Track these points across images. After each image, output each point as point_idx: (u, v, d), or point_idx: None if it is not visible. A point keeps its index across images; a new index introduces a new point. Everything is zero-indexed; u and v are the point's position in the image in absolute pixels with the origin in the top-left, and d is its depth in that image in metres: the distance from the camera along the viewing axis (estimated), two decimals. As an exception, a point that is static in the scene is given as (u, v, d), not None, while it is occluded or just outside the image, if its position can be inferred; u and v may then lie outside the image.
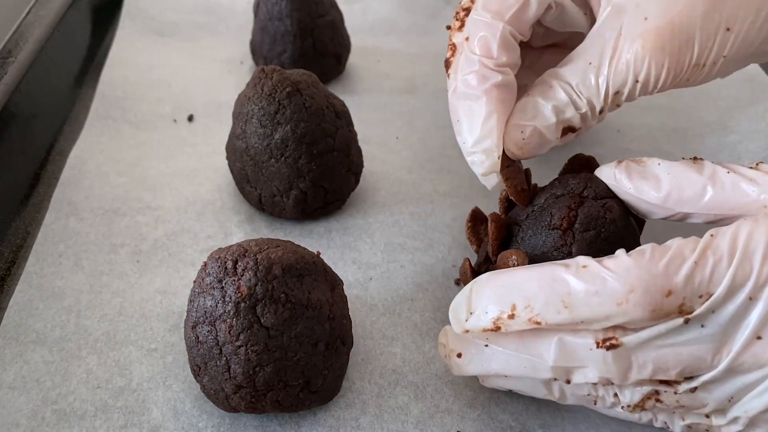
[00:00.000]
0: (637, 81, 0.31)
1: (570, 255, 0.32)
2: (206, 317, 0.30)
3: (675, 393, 0.28)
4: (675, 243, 0.27)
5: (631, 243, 0.33)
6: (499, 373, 0.30)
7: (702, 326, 0.26)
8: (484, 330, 0.29)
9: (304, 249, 0.33)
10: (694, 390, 0.27)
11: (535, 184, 0.37)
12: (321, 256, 0.34)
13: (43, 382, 0.33)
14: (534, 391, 0.30)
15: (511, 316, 0.28)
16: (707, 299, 0.25)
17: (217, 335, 0.29)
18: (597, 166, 0.36)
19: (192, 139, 0.49)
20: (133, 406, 0.32)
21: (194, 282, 0.31)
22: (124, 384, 0.33)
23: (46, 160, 0.47)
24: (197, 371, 0.31)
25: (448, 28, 0.35)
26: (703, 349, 0.26)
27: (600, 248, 0.32)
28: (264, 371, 0.29)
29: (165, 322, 0.36)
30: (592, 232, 0.32)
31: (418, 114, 0.54)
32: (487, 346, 0.30)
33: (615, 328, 0.27)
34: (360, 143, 0.45)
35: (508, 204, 0.37)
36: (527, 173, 0.35)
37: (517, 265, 0.32)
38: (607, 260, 0.27)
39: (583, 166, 0.36)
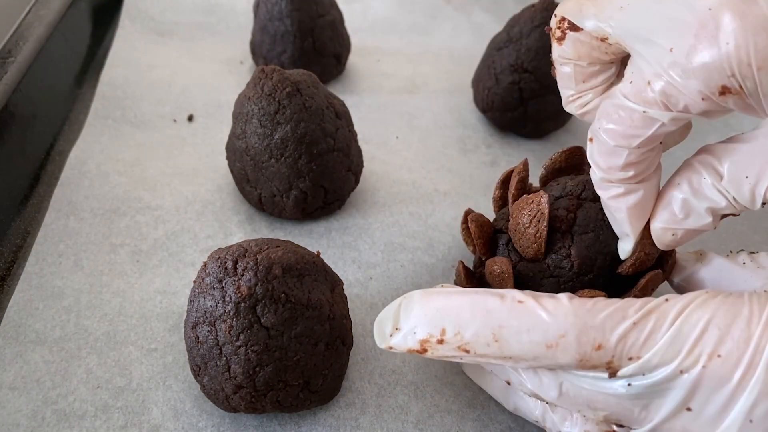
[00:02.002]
0: None
1: (569, 257, 0.32)
2: (206, 317, 0.30)
3: None
4: (624, 300, 0.26)
5: None
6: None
7: (629, 385, 0.25)
8: (410, 350, 0.28)
9: (304, 249, 0.33)
10: None
11: (530, 184, 0.37)
12: (321, 255, 0.34)
13: (43, 382, 0.33)
14: (495, 395, 0.31)
15: (440, 341, 0.27)
16: (636, 362, 0.25)
17: (217, 335, 0.29)
18: None
19: (192, 139, 0.49)
20: (133, 406, 0.32)
21: (194, 282, 0.31)
22: (124, 384, 0.33)
23: (45, 160, 0.47)
24: (197, 371, 0.31)
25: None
26: (630, 404, 0.26)
27: (598, 250, 0.32)
28: (264, 371, 0.29)
29: (165, 322, 0.36)
30: (591, 234, 0.32)
31: (418, 114, 0.54)
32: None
33: None
34: (360, 143, 0.45)
35: (501, 203, 0.37)
36: (525, 166, 0.35)
37: (501, 273, 0.32)
38: (547, 299, 0.26)
39: (582, 161, 0.36)
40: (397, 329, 0.28)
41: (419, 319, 0.28)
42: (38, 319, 0.35)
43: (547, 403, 0.29)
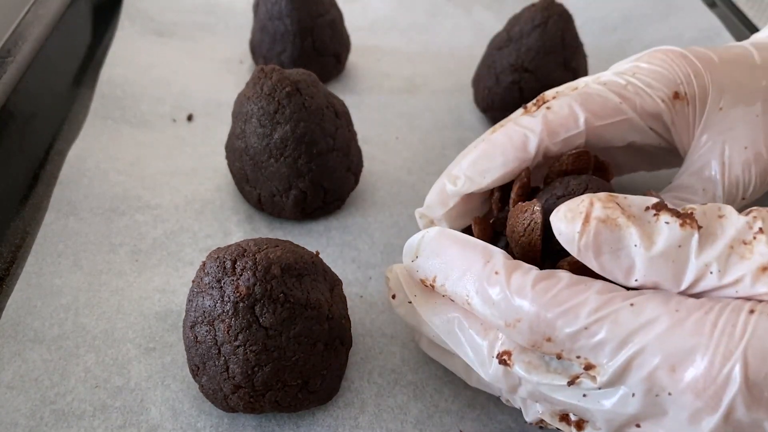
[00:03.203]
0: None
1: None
2: (205, 317, 0.30)
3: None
4: (589, 291, 0.25)
5: None
6: (418, 325, 0.32)
7: (584, 396, 0.26)
8: (422, 280, 0.31)
9: (303, 249, 0.33)
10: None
11: (537, 187, 0.36)
12: (320, 255, 0.34)
13: (41, 381, 0.32)
14: (457, 371, 0.32)
15: (432, 287, 0.30)
16: (585, 363, 0.25)
17: (215, 335, 0.29)
18: (608, 172, 0.36)
19: (191, 139, 0.49)
20: (132, 406, 0.32)
21: (193, 281, 0.31)
22: (122, 383, 0.33)
23: (45, 159, 0.47)
24: (196, 371, 0.31)
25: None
26: (585, 408, 0.26)
27: None
28: (262, 371, 0.29)
29: (164, 321, 0.36)
30: None
31: (418, 114, 0.54)
32: (410, 302, 0.31)
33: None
34: (360, 143, 0.45)
35: (501, 204, 0.36)
36: (526, 173, 0.35)
37: None
38: (518, 276, 0.27)
39: (596, 169, 0.36)
40: (417, 257, 0.31)
41: (423, 261, 0.30)
42: (36, 317, 0.35)
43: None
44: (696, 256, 0.25)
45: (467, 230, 0.37)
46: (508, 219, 0.33)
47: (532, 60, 0.48)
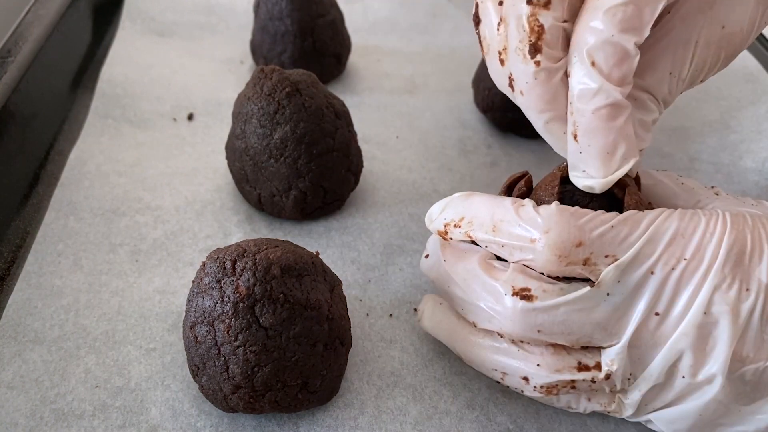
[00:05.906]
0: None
1: None
2: (205, 317, 0.30)
3: (593, 381, 0.29)
4: (599, 211, 0.29)
5: None
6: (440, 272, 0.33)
7: (608, 294, 0.28)
8: (438, 232, 0.33)
9: (303, 249, 0.33)
10: (608, 377, 0.29)
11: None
12: (320, 255, 0.34)
13: (41, 382, 0.33)
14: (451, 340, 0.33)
15: (457, 225, 0.32)
16: (612, 261, 0.28)
17: (215, 335, 0.29)
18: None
19: (191, 139, 0.49)
20: (132, 406, 0.32)
21: (193, 282, 0.31)
22: (122, 384, 0.33)
23: (45, 159, 0.47)
24: (196, 371, 0.31)
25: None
26: (606, 318, 0.28)
27: None
28: (262, 371, 0.29)
29: (164, 322, 0.36)
30: None
31: (418, 114, 0.54)
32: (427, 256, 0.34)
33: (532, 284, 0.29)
34: (360, 143, 0.45)
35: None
36: (528, 178, 0.35)
37: None
38: (542, 207, 0.30)
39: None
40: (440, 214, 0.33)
41: (452, 209, 0.33)
42: (37, 318, 0.35)
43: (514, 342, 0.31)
44: None
45: None
46: None
47: (533, 60, 0.47)
